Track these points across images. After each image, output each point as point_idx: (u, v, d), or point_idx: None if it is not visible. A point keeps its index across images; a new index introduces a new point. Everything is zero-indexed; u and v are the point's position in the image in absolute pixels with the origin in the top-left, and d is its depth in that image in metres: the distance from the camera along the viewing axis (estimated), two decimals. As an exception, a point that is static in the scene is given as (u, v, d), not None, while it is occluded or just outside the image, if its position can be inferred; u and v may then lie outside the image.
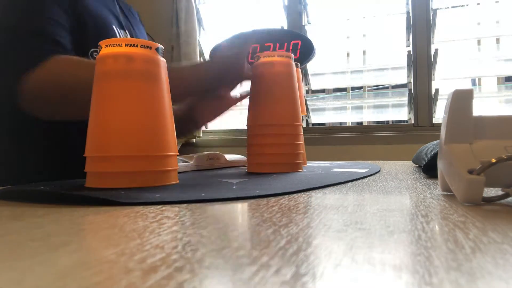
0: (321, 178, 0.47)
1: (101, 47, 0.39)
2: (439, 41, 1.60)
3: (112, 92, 0.38)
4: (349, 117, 1.78)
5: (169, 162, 0.40)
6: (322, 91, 1.88)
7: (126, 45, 0.38)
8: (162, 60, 0.41)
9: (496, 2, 1.53)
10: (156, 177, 0.39)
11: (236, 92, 0.70)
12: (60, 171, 0.70)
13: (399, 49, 1.66)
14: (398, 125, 1.66)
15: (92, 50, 0.71)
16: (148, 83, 0.39)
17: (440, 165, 0.33)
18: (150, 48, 0.39)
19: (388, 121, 2.03)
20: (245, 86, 0.67)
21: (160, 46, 0.40)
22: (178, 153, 0.42)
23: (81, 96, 0.59)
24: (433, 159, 0.49)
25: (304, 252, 0.16)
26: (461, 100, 0.30)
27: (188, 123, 0.80)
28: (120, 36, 0.79)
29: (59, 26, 0.66)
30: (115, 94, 0.38)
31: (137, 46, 0.38)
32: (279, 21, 1.81)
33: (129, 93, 0.38)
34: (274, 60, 0.57)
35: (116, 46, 0.38)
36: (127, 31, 0.84)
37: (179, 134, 0.90)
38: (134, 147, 0.37)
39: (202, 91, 0.64)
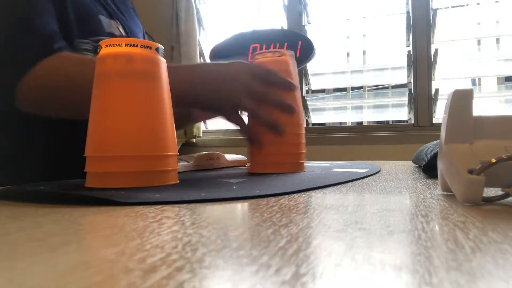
0: (321, 178, 0.47)
1: (101, 47, 0.39)
2: (439, 41, 1.60)
3: (112, 92, 0.38)
4: (349, 117, 1.78)
5: (169, 162, 0.40)
6: (322, 91, 1.88)
7: (126, 45, 0.38)
8: (162, 60, 0.41)
9: (496, 2, 1.53)
10: (156, 177, 0.39)
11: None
12: (60, 171, 0.70)
13: (399, 49, 1.66)
14: (398, 125, 1.66)
15: (77, 40, 0.69)
16: (148, 83, 0.39)
17: (440, 165, 0.33)
18: (150, 48, 0.39)
19: (388, 121, 2.03)
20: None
21: (160, 46, 0.40)
22: (178, 153, 0.42)
23: (80, 95, 0.59)
24: (433, 159, 0.49)
25: (304, 252, 0.16)
26: (461, 100, 0.30)
27: (184, 117, 0.73)
28: (106, 26, 0.76)
29: (49, 15, 0.63)
30: (115, 94, 0.38)
31: (137, 46, 0.38)
32: (279, 21, 1.81)
33: (129, 93, 0.38)
34: (273, 59, 0.57)
35: (116, 46, 0.38)
36: (117, 21, 0.80)
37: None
38: (134, 147, 0.37)
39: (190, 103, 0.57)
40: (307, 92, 1.80)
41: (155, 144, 0.38)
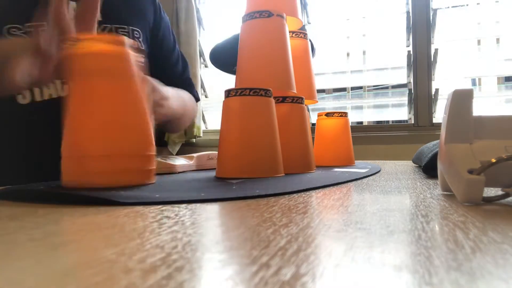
0: (321, 178, 0.47)
1: (71, 44, 0.38)
2: (439, 41, 1.60)
3: (86, 90, 0.37)
4: (349, 117, 1.78)
5: (147, 162, 0.39)
6: (322, 91, 1.88)
7: (96, 41, 0.37)
8: (134, 55, 0.39)
9: (496, 2, 1.53)
10: (133, 177, 0.38)
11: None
12: (39, 172, 0.69)
13: (399, 49, 1.66)
14: (398, 125, 1.66)
15: (7, 26, 0.64)
16: (122, 80, 0.38)
17: (440, 165, 0.33)
18: (121, 43, 0.38)
19: (388, 121, 2.03)
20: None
21: (132, 41, 0.39)
22: (155, 153, 0.41)
23: None
24: (433, 159, 0.49)
25: (304, 252, 0.16)
26: (461, 100, 0.30)
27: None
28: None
29: None
30: (89, 92, 0.37)
31: (107, 42, 0.37)
32: (279, 21, 1.80)
33: (103, 91, 0.37)
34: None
35: (88, 42, 0.37)
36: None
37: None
38: (109, 146, 0.36)
39: None
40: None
41: (131, 143, 0.38)
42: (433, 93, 1.59)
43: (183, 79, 0.89)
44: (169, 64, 0.87)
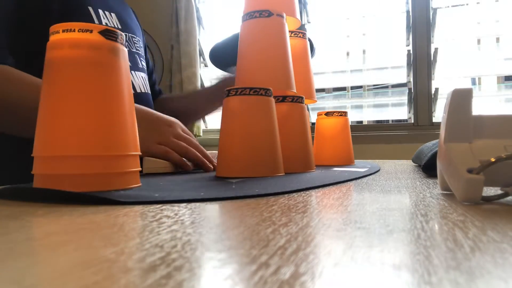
0: (321, 177, 0.47)
1: (52, 33, 0.35)
2: (439, 40, 1.60)
3: (61, 83, 0.34)
4: (349, 116, 1.78)
5: (129, 163, 0.35)
6: (322, 90, 1.88)
7: (80, 30, 0.34)
8: (121, 48, 0.36)
9: (496, 1, 1.53)
10: (114, 180, 0.34)
11: None
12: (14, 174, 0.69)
13: (399, 48, 1.66)
14: (398, 124, 1.66)
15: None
16: (103, 72, 0.34)
17: (440, 164, 0.33)
18: (107, 34, 0.35)
19: (388, 120, 2.03)
20: None
21: (119, 32, 0.36)
22: (140, 153, 0.37)
23: (17, 116, 0.59)
24: (433, 158, 0.49)
25: (303, 251, 0.16)
26: (461, 99, 0.30)
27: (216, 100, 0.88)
28: (100, 20, 0.74)
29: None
30: (64, 85, 0.33)
31: (91, 31, 0.34)
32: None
33: (81, 84, 0.34)
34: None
35: (68, 32, 0.34)
36: (112, 12, 0.78)
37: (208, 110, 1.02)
38: (87, 145, 0.33)
39: None
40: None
41: (111, 142, 0.34)
42: (432, 92, 1.59)
43: (157, 89, 1.05)
44: (152, 75, 1.01)
